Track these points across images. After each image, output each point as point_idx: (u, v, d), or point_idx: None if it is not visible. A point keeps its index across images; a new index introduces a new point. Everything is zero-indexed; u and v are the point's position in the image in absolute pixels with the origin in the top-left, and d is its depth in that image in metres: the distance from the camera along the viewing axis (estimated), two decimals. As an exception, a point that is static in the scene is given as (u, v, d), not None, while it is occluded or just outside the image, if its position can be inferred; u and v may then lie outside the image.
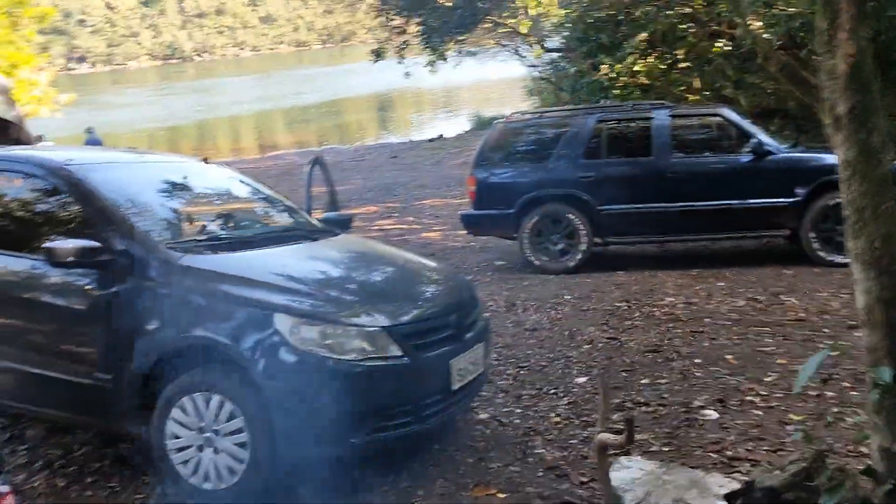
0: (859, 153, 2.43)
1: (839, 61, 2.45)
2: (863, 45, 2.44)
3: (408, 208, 13.89)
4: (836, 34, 2.45)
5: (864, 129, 2.43)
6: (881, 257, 2.42)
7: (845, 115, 2.45)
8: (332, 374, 3.13)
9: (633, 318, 6.16)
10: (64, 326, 3.54)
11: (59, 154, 3.98)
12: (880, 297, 2.43)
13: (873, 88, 2.45)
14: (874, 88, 2.45)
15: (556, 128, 8.29)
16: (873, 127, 2.43)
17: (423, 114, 46.05)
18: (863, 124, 2.43)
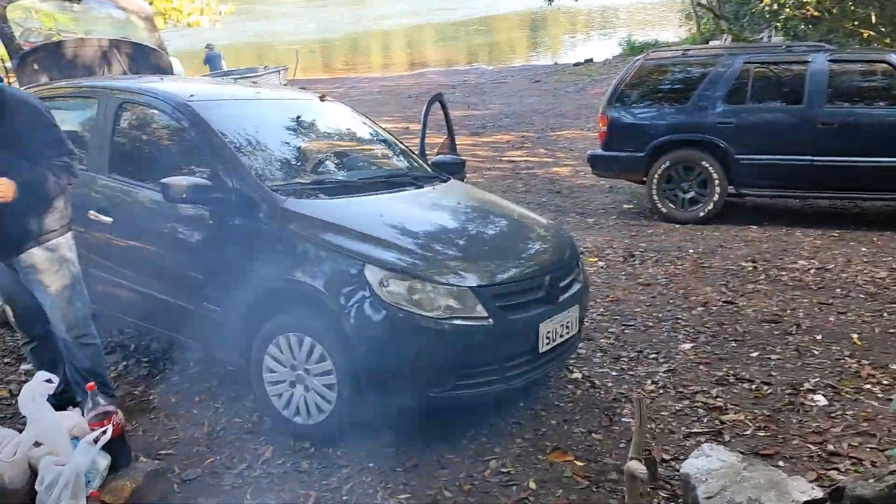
0: None
1: None
2: None
3: (542, 139, 13.63)
4: None
5: None
6: None
7: None
8: (415, 330, 3.18)
9: (757, 280, 5.82)
10: (179, 256, 3.77)
11: (183, 89, 4.15)
12: None
13: None
14: None
15: (699, 68, 7.76)
16: None
17: (575, 35, 44.47)
18: None
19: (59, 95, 4.48)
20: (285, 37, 43.91)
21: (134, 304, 4.02)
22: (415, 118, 17.22)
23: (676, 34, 27.77)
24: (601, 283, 5.83)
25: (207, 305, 3.68)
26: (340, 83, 26.33)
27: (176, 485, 3.14)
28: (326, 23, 50.71)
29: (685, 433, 3.57)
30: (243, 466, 3.29)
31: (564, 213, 8.52)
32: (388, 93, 22.02)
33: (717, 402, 3.87)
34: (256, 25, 48.13)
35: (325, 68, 34.82)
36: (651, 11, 45.00)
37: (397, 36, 48.10)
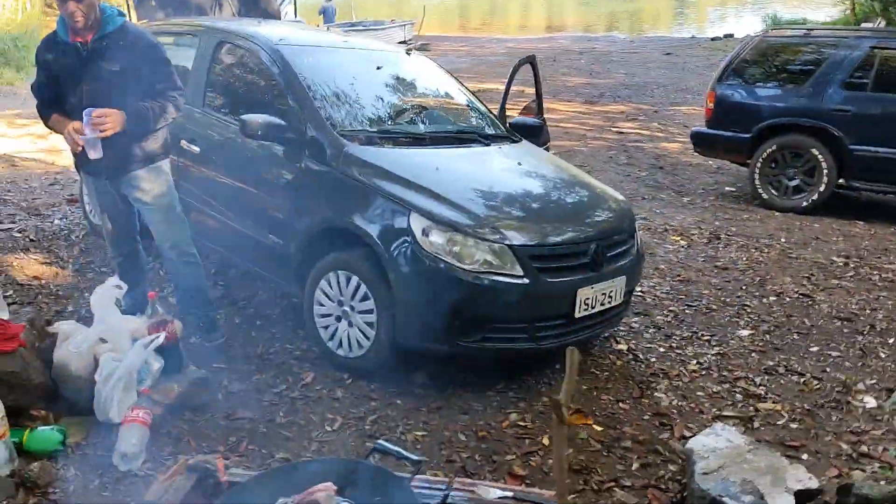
0: None
1: None
2: None
3: (658, 113, 13.26)
4: None
5: None
6: None
7: None
8: (451, 280, 3.31)
9: (844, 277, 5.57)
10: (251, 189, 4.06)
11: (275, 33, 4.39)
12: None
13: None
14: None
15: (820, 50, 7.34)
16: None
17: (725, 8, 42.38)
18: None
19: (167, 32, 4.86)
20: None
21: (213, 230, 4.36)
22: (530, 81, 17.11)
23: (829, 14, 25.96)
24: (675, 262, 5.75)
25: (272, 237, 3.95)
26: (468, 42, 26.39)
27: (221, 394, 3.44)
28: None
29: (715, 415, 3.56)
30: (284, 387, 3.56)
31: (661, 189, 8.35)
32: (512, 54, 21.79)
33: (758, 389, 3.81)
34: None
35: (457, 26, 34.92)
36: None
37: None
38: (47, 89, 3.45)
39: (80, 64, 3.31)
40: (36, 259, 4.96)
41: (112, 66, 3.30)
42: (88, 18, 3.25)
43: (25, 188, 6.66)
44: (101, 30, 3.31)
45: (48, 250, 5.13)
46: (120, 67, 3.32)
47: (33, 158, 7.99)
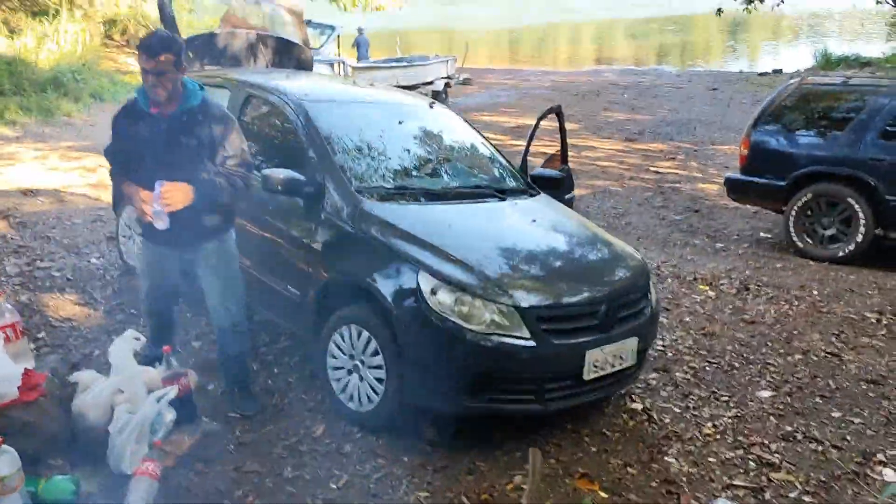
0: None
1: None
2: None
3: (699, 152, 13.15)
4: None
5: None
6: None
7: None
8: (457, 341, 3.35)
9: (876, 334, 5.44)
10: (273, 241, 4.17)
11: (301, 87, 4.54)
12: None
13: None
14: None
15: (857, 98, 7.23)
16: None
17: (777, 41, 41.90)
18: None
19: (202, 83, 5.03)
20: (471, 23, 44.63)
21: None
22: (573, 117, 17.14)
23: (881, 50, 25.46)
24: (701, 314, 5.68)
25: (290, 289, 4.05)
26: (513, 74, 26.56)
27: (232, 445, 3.53)
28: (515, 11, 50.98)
29: (725, 483, 3.50)
30: (294, 440, 3.63)
31: (695, 234, 8.27)
32: (556, 88, 21.97)
33: (773, 457, 3.74)
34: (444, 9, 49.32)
35: (506, 58, 35.18)
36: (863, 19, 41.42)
37: (587, 29, 47.50)
38: (121, 155, 3.46)
39: (158, 135, 3.32)
40: (70, 300, 5.15)
41: (189, 140, 3.32)
42: (170, 91, 3.27)
43: (69, 224, 6.93)
44: (182, 104, 3.34)
45: (83, 290, 5.32)
46: (197, 142, 3.34)
47: (81, 193, 8.30)
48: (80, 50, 16.31)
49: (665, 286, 6.28)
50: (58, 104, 13.23)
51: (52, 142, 11.05)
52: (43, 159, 9.83)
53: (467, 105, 17.96)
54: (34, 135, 11.36)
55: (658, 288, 6.16)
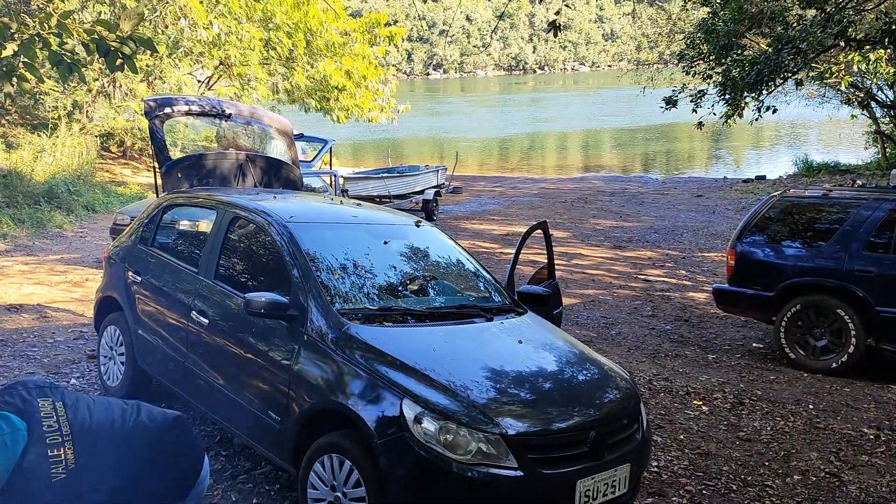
0: None
1: None
2: None
3: (686, 259, 13.24)
4: None
5: None
6: None
7: None
8: (441, 472, 3.23)
9: (875, 452, 5.30)
10: (255, 364, 4.08)
11: (287, 209, 4.56)
12: None
13: None
14: None
15: (840, 210, 7.35)
16: None
17: (759, 148, 43.11)
18: None
19: (190, 204, 5.09)
20: (460, 133, 45.90)
21: (218, 402, 4.36)
22: (562, 225, 17.38)
23: (860, 157, 26.21)
24: (696, 432, 5.54)
25: (272, 414, 3.93)
26: (502, 182, 27.09)
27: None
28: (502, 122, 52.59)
29: None
30: (270, 579, 3.43)
31: (686, 344, 8.20)
32: (544, 195, 22.36)
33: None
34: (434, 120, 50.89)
35: (494, 166, 35.97)
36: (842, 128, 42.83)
37: (574, 138, 48.84)
38: None
39: None
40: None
41: None
42: None
43: (50, 343, 6.82)
44: None
45: (59, 413, 5.16)
46: None
47: (65, 309, 8.22)
48: (76, 162, 16.62)
49: (658, 401, 6.15)
50: (50, 216, 13.35)
51: (41, 255, 11.06)
52: (30, 273, 9.80)
53: (457, 213, 18.21)
54: (24, 248, 11.39)
55: (651, 404, 6.04)
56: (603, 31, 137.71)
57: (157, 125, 5.43)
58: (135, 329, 5.04)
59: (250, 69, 19.43)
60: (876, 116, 19.03)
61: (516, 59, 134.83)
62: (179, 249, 5.10)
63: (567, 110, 60.51)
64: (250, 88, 19.85)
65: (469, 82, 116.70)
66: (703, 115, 10.72)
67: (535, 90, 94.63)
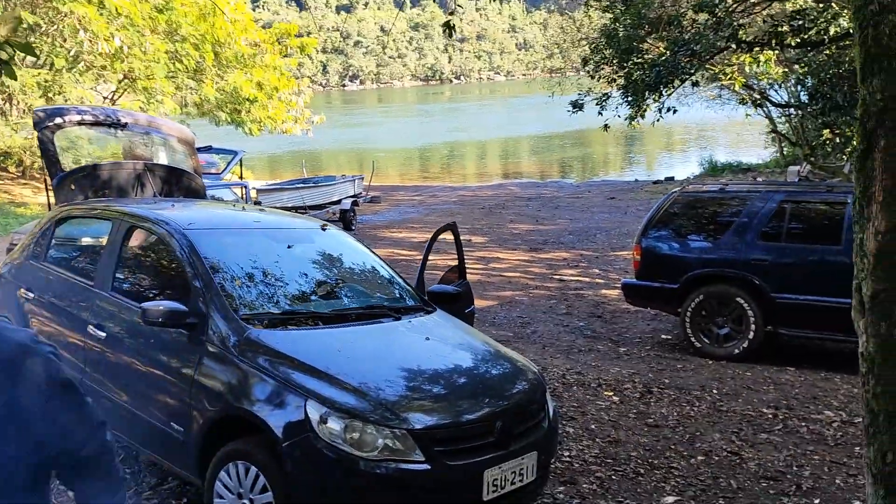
0: (878, 347, 2.05)
1: (869, 238, 2.09)
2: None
3: (600, 258, 13.59)
4: (869, 205, 2.09)
5: (887, 320, 2.04)
6: (891, 474, 2.01)
7: (868, 300, 2.08)
8: (347, 470, 3.22)
9: (773, 430, 5.55)
10: (156, 375, 3.98)
11: (185, 216, 4.47)
12: (888, 523, 2.02)
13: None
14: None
15: (735, 203, 7.70)
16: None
17: (670, 151, 44.61)
18: (887, 315, 2.05)
19: (84, 215, 4.93)
20: (378, 144, 45.85)
21: (120, 418, 4.21)
22: (480, 230, 17.59)
23: (761, 156, 27.50)
24: (607, 421, 5.69)
25: (174, 425, 3.83)
26: (421, 191, 27.19)
27: None
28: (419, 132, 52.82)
29: None
30: (176, 593, 3.34)
31: (598, 339, 8.41)
32: (463, 202, 22.56)
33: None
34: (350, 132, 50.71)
35: (411, 176, 36.06)
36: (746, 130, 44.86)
37: (492, 146, 49.43)
38: None
39: None
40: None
41: None
42: None
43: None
44: None
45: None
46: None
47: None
48: (-29, 183, 15.83)
49: (571, 394, 6.29)
50: (-57, 239, 12.66)
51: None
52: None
53: (376, 223, 18.18)
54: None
55: (564, 397, 6.18)
56: (516, 41, 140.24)
57: (48, 136, 5.24)
58: (29, 348, 4.82)
59: (156, 82, 18.92)
60: (773, 117, 20.01)
61: (432, 69, 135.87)
62: (74, 263, 4.92)
63: (484, 119, 61.33)
64: (157, 102, 19.32)
65: (386, 93, 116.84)
66: (608, 118, 11.03)
67: (452, 100, 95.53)
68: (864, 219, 2.09)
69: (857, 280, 2.13)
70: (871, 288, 2.06)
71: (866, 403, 2.08)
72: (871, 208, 2.07)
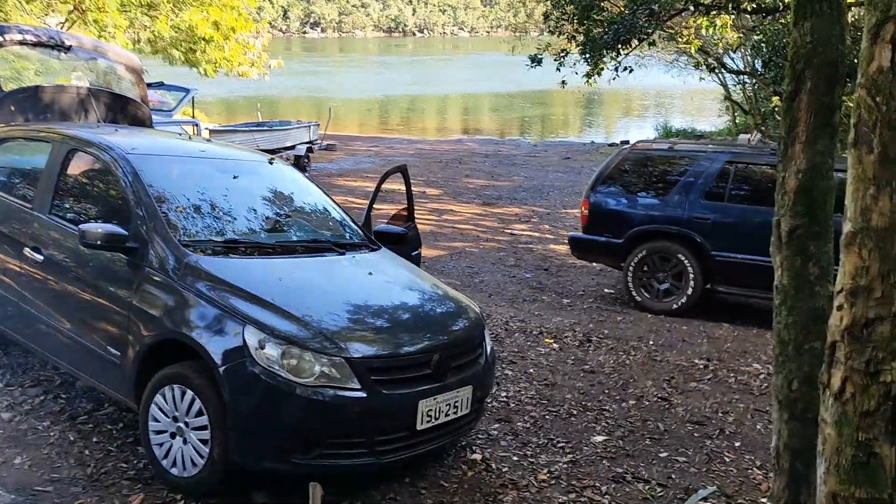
0: (792, 280, 2.15)
1: (790, 176, 2.17)
2: (818, 161, 2.14)
3: (551, 215, 13.74)
4: (793, 145, 2.17)
5: (802, 255, 2.14)
6: (796, 400, 2.13)
7: (786, 235, 2.18)
8: (283, 395, 3.27)
9: (703, 379, 5.77)
10: (93, 300, 3.94)
11: (128, 141, 4.39)
12: (788, 443, 2.15)
13: (824, 212, 2.15)
14: (826, 212, 2.15)
15: (682, 162, 7.84)
16: (814, 255, 2.14)
17: (628, 116, 44.91)
18: (802, 250, 2.14)
19: (20, 137, 4.80)
20: (338, 92, 45.10)
21: (56, 342, 4.19)
22: (436, 183, 17.57)
23: (714, 124, 27.91)
24: (545, 366, 5.83)
25: (111, 349, 3.82)
26: (379, 142, 26.95)
27: (36, 522, 3.22)
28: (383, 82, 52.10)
29: (557, 528, 3.55)
30: (108, 511, 3.37)
31: (543, 290, 8.56)
32: (420, 156, 22.44)
33: (603, 499, 3.84)
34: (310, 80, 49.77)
35: (370, 127, 35.69)
36: (704, 98, 45.37)
37: (454, 102, 49.09)
38: None
39: None
40: None
41: None
42: None
43: None
44: None
45: None
46: None
47: None
48: None
49: (512, 340, 6.42)
50: None
51: None
52: None
53: (330, 171, 18.00)
54: None
55: (506, 343, 6.30)
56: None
57: (-14, 55, 5.06)
58: (-36, 272, 4.73)
59: (108, 16, 18.24)
60: (727, 84, 20.28)
61: (396, 20, 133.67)
62: (11, 185, 4.79)
63: (446, 74, 60.74)
64: (108, 36, 18.65)
65: (348, 42, 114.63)
66: (565, 75, 11.06)
67: (415, 53, 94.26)
68: (787, 158, 2.17)
69: (777, 217, 2.22)
70: (788, 224, 2.15)
71: (777, 334, 2.19)
72: (794, 148, 2.15)
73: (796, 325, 2.12)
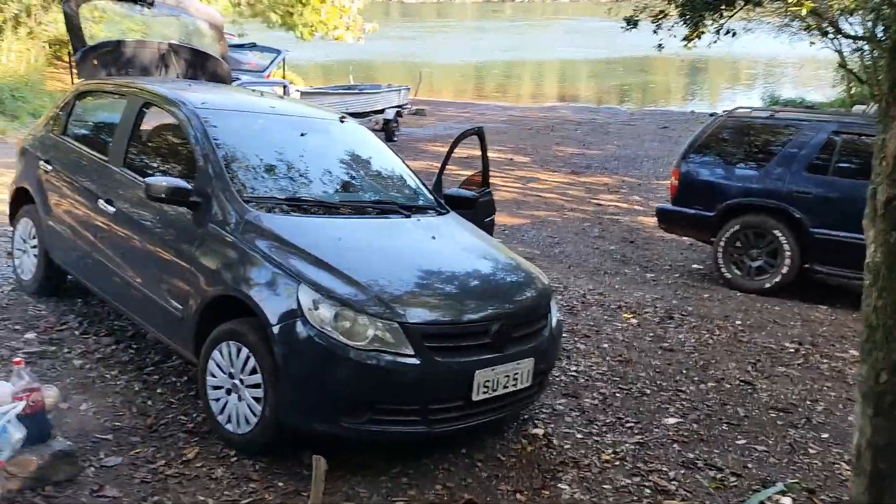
0: (886, 257, 1.87)
1: (891, 137, 1.88)
2: (926, 120, 1.83)
3: (642, 186, 13.24)
4: (894, 102, 1.87)
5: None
6: (884, 393, 1.86)
7: (882, 205, 1.89)
8: (336, 357, 3.18)
9: (792, 364, 5.38)
10: (159, 253, 3.96)
11: (200, 96, 4.36)
12: (871, 441, 1.89)
13: (929, 179, 1.84)
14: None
15: (783, 132, 7.31)
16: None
17: (734, 85, 42.91)
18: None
19: (99, 90, 4.88)
20: (434, 57, 44.96)
21: (126, 293, 4.25)
22: (524, 151, 17.22)
23: (827, 95, 26.21)
24: (620, 342, 5.57)
25: (174, 303, 3.83)
26: (470, 108, 26.68)
27: (92, 468, 3.28)
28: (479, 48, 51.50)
29: (616, 512, 3.35)
30: (162, 463, 3.39)
31: (627, 263, 8.23)
32: (511, 122, 22.09)
33: (670, 485, 3.61)
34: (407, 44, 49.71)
35: (464, 93, 35.40)
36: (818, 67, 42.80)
37: (551, 67, 48.12)
38: None
39: None
40: (-47, 314, 4.85)
41: None
42: None
43: (-27, 240, 6.61)
44: None
45: (-30, 305, 5.03)
46: None
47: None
48: (23, 69, 15.96)
49: (589, 314, 6.17)
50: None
51: (-23, 158, 10.67)
52: (-37, 175, 9.46)
53: (419, 135, 17.93)
54: (-40, 151, 10.98)
55: (581, 315, 6.06)
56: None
57: (72, 9, 5.14)
58: (45, 221, 4.87)
59: (209, -22, 18.66)
60: (842, 52, 18.88)
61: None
62: (90, 138, 4.89)
63: (544, 39, 59.50)
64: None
65: (446, 7, 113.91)
66: (662, 38, 10.47)
67: (513, 18, 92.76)
68: (888, 117, 1.87)
69: (873, 185, 1.92)
70: (886, 193, 1.86)
71: (866, 317, 1.91)
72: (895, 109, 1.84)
73: (886, 307, 1.84)
